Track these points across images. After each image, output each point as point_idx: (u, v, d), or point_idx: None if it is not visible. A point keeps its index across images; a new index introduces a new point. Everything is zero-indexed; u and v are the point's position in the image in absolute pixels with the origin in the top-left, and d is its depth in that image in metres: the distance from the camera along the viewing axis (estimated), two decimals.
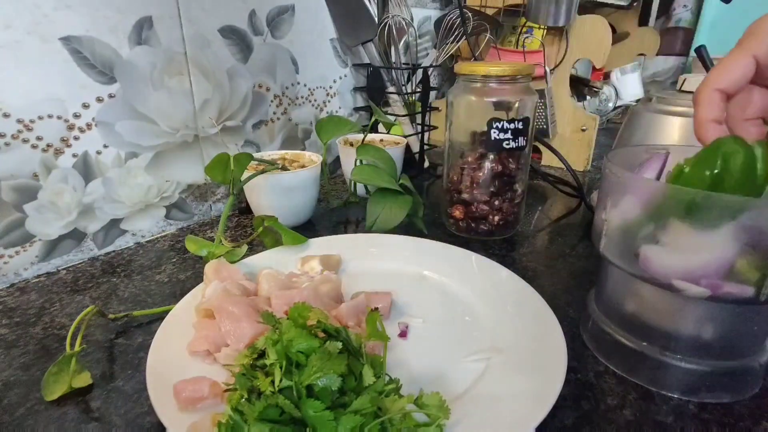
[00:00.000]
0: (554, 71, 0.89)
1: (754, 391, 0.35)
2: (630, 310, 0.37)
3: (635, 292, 0.36)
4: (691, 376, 0.34)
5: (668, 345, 0.35)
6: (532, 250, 0.59)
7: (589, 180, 0.87)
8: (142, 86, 0.55)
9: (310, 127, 0.80)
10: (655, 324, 0.35)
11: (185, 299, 0.42)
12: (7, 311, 0.45)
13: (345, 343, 0.30)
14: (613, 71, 1.22)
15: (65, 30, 0.48)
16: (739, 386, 0.35)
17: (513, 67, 0.53)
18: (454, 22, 0.83)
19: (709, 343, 0.33)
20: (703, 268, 0.30)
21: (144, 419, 0.32)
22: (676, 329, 0.34)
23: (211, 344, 0.35)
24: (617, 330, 0.38)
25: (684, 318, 0.34)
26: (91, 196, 0.54)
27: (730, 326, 0.33)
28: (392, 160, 0.61)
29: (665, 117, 0.57)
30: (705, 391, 0.34)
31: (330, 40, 0.80)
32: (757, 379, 0.35)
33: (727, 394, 0.34)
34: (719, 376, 0.34)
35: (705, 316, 0.33)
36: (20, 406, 0.33)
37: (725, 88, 0.27)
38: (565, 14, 0.81)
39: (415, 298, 0.46)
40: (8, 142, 0.46)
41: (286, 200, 0.61)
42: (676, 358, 0.34)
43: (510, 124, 0.54)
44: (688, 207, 0.29)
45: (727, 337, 0.33)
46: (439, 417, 0.28)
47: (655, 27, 1.28)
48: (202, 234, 0.62)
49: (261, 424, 0.25)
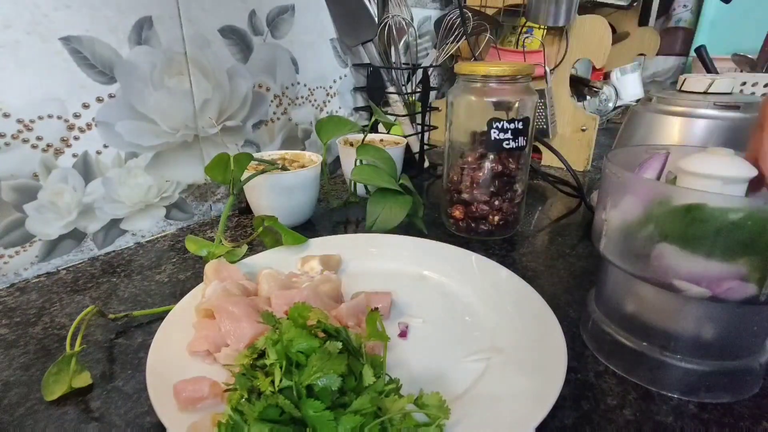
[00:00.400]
0: (554, 71, 0.89)
1: (754, 391, 0.35)
2: (630, 310, 0.37)
3: (635, 292, 0.36)
4: (691, 376, 0.34)
5: (668, 345, 0.35)
6: (532, 250, 0.59)
7: (589, 180, 0.87)
8: (142, 86, 0.55)
9: (310, 127, 0.80)
10: (655, 324, 0.35)
11: (185, 299, 0.42)
12: (7, 311, 0.45)
13: (345, 343, 0.30)
14: (613, 71, 1.22)
15: (65, 30, 0.48)
16: (739, 386, 0.35)
17: (513, 67, 0.53)
18: (454, 22, 0.83)
19: (709, 343, 0.33)
20: (718, 269, 0.29)
21: (144, 419, 0.32)
22: (676, 329, 0.34)
23: (211, 344, 0.35)
24: (617, 330, 0.38)
25: (684, 318, 0.34)
26: (91, 196, 0.54)
27: (730, 326, 0.33)
28: (392, 160, 0.61)
29: (665, 117, 0.57)
30: (705, 391, 0.34)
31: (330, 40, 0.80)
32: (757, 379, 0.35)
33: (727, 394, 0.34)
34: (719, 376, 0.34)
35: (705, 316, 0.33)
36: (20, 406, 0.33)
37: None
38: (565, 14, 0.81)
39: (415, 298, 0.46)
40: (8, 142, 0.46)
41: (286, 200, 0.61)
42: (675, 358, 0.34)
43: (510, 124, 0.54)
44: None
45: (727, 337, 0.33)
46: (439, 417, 0.28)
47: (655, 27, 1.28)
48: (202, 234, 0.62)
49: (261, 424, 0.25)
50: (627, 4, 1.06)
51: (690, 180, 0.33)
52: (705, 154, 0.33)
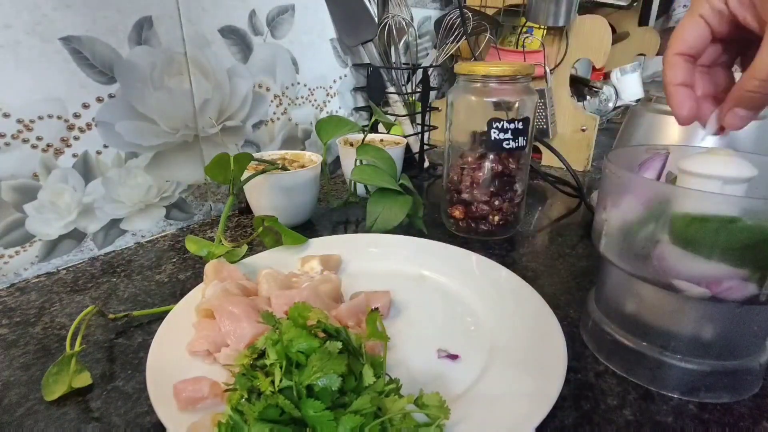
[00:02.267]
0: (554, 71, 0.89)
1: (754, 390, 0.35)
2: (630, 310, 0.37)
3: (635, 292, 0.36)
4: (690, 375, 0.34)
5: (668, 345, 0.35)
6: (532, 250, 0.59)
7: (589, 180, 0.87)
8: (142, 86, 0.55)
9: (310, 127, 0.80)
10: (655, 324, 0.35)
11: (185, 299, 0.42)
12: (7, 311, 0.45)
13: (345, 343, 0.30)
14: (613, 71, 1.22)
15: (65, 30, 0.48)
16: (739, 386, 0.35)
17: (513, 67, 0.53)
18: (454, 22, 0.83)
19: (709, 343, 0.34)
20: (718, 269, 0.29)
21: (144, 419, 0.32)
22: (676, 329, 0.34)
23: (211, 344, 0.35)
24: (617, 330, 0.38)
25: (684, 318, 0.34)
26: (91, 196, 0.54)
27: (731, 326, 0.33)
28: (392, 160, 0.61)
29: (665, 117, 0.57)
30: (705, 391, 0.34)
31: (330, 40, 0.80)
32: (757, 379, 0.35)
33: (727, 394, 0.35)
34: (719, 376, 0.34)
35: (705, 316, 0.33)
36: (20, 406, 0.33)
37: (683, 51, 0.28)
38: (565, 14, 0.81)
39: (414, 298, 0.46)
40: (8, 142, 0.46)
41: (286, 200, 0.61)
42: (675, 358, 0.34)
43: (510, 124, 0.54)
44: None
45: (726, 337, 0.33)
46: (439, 417, 0.28)
47: (655, 27, 1.28)
48: (202, 234, 0.62)
49: (261, 424, 0.25)
50: (627, 4, 1.06)
51: (690, 180, 0.33)
52: (705, 155, 0.33)
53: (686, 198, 0.30)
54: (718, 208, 0.29)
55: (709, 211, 0.29)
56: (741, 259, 0.29)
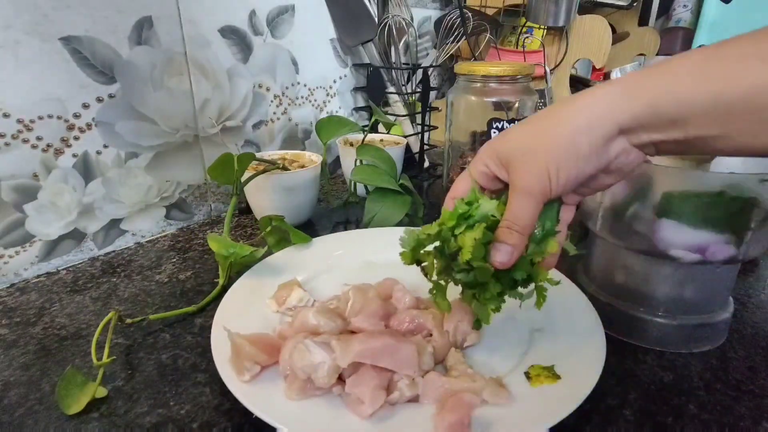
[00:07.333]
0: (554, 71, 0.89)
1: (723, 339, 0.41)
2: (621, 281, 0.42)
3: (624, 263, 0.41)
4: (683, 330, 0.40)
5: (658, 306, 0.40)
6: None
7: None
8: (142, 86, 0.55)
9: (310, 127, 0.80)
10: (644, 290, 0.40)
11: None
12: (7, 311, 0.45)
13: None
14: (613, 71, 1.21)
15: (65, 30, 0.48)
16: (714, 336, 0.41)
17: (513, 67, 0.53)
18: (454, 22, 0.83)
19: (694, 301, 0.39)
20: (707, 237, 0.35)
21: (144, 419, 0.32)
22: (664, 292, 0.39)
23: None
24: (612, 299, 0.42)
25: (671, 282, 0.39)
26: (91, 196, 0.54)
27: (710, 285, 0.39)
28: (392, 160, 0.61)
29: None
30: (693, 342, 0.40)
31: (330, 40, 0.80)
32: (726, 328, 0.42)
33: (709, 343, 0.40)
34: (702, 328, 0.40)
35: (689, 279, 0.39)
36: (20, 406, 0.33)
37: (457, 196, 0.34)
38: (565, 14, 0.81)
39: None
40: (8, 142, 0.46)
41: (286, 200, 0.61)
42: (668, 317, 0.40)
43: (510, 124, 0.54)
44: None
45: (704, 295, 0.40)
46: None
47: (655, 27, 1.28)
48: (202, 234, 0.62)
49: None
50: (627, 4, 1.06)
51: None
52: None
53: (671, 177, 0.35)
54: (708, 184, 0.34)
55: (699, 188, 0.34)
56: (725, 226, 0.34)
